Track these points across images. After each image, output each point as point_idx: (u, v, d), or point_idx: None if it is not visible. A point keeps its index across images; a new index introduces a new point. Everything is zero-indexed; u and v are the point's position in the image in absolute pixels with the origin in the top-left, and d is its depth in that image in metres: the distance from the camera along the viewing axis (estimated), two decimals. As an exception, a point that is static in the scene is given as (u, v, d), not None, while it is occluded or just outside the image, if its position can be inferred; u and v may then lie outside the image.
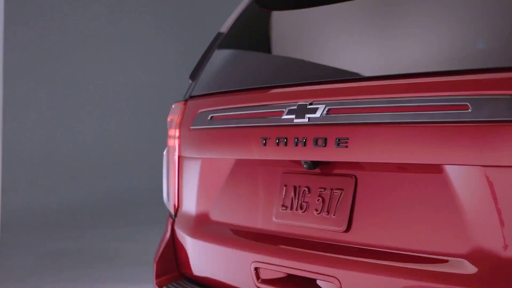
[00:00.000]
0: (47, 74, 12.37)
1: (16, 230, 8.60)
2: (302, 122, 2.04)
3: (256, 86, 2.32)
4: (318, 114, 2.00)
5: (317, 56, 2.22)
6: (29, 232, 8.53)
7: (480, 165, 1.67)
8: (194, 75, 2.69)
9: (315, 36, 2.27)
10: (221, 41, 2.64)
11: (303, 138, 2.03)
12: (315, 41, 2.26)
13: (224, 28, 2.69)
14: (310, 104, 2.03)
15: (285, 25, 2.48)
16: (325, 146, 1.97)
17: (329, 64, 2.16)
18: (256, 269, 2.17)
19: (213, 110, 2.44)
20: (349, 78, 2.01)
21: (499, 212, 1.64)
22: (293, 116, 2.07)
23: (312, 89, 2.09)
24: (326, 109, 1.99)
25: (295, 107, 2.07)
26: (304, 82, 2.14)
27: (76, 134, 12.62)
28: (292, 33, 2.41)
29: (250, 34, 2.58)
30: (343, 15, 2.21)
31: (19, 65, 11.94)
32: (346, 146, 1.93)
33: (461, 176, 1.72)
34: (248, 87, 2.35)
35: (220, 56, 2.61)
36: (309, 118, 2.02)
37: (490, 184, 1.65)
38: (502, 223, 1.63)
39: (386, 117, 1.84)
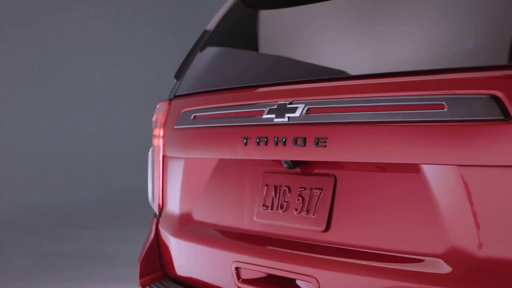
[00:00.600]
0: (44, 74, 12.38)
1: (12, 230, 8.61)
2: (282, 121, 2.03)
3: (239, 86, 2.31)
4: (297, 114, 1.99)
5: (298, 55, 2.22)
6: (25, 232, 8.53)
7: (456, 165, 1.66)
8: (178, 75, 2.69)
9: (296, 35, 2.27)
10: (205, 41, 2.64)
11: (283, 137, 2.03)
12: (296, 40, 2.25)
13: (209, 27, 2.69)
14: (290, 103, 2.02)
15: (269, 24, 2.47)
16: (304, 145, 1.97)
17: (309, 63, 2.15)
18: (236, 269, 2.17)
19: (196, 109, 2.43)
20: (328, 77, 2.00)
21: (474, 211, 1.63)
22: (273, 116, 2.06)
23: (293, 89, 2.08)
24: (306, 108, 1.98)
25: (275, 107, 2.06)
26: (285, 81, 2.14)
27: (74, 134, 12.63)
28: (275, 32, 2.41)
29: (235, 33, 2.57)
30: (323, 15, 2.21)
31: (15, 65, 11.95)
32: (325, 146, 1.92)
33: (437, 176, 1.72)
34: (230, 86, 2.35)
35: (204, 55, 2.61)
36: (288, 117, 2.02)
37: (465, 184, 1.65)
38: (477, 222, 1.63)
39: (363, 117, 1.84)
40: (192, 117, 2.43)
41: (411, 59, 1.85)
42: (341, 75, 1.99)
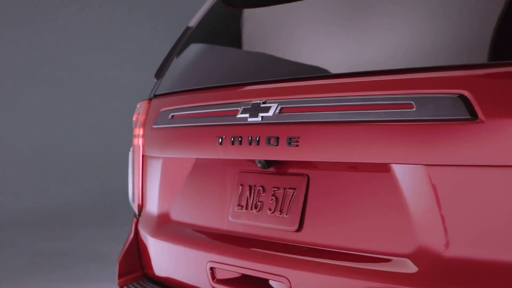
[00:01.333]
0: (41, 74, 12.38)
1: (8, 230, 8.62)
2: (255, 121, 2.03)
3: (215, 85, 2.31)
4: (270, 113, 1.99)
5: (274, 55, 2.21)
6: (20, 231, 8.54)
7: (424, 164, 1.66)
8: (159, 74, 2.68)
9: (272, 35, 2.26)
10: (185, 40, 2.64)
11: (257, 137, 2.02)
12: (272, 40, 2.25)
13: (190, 26, 2.68)
14: (264, 103, 2.02)
15: (247, 24, 2.47)
16: (277, 145, 1.96)
17: (284, 62, 2.15)
18: (211, 269, 2.16)
19: (174, 109, 2.43)
20: (301, 76, 2.00)
21: (441, 211, 1.63)
22: (247, 115, 2.05)
23: (267, 88, 2.08)
24: (279, 108, 1.97)
25: (249, 106, 2.06)
26: (260, 80, 2.13)
27: (70, 134, 12.62)
28: (253, 32, 2.40)
29: (214, 32, 2.57)
30: (296, 16, 2.21)
31: (13, 65, 11.96)
32: (297, 145, 1.91)
33: (406, 176, 1.71)
34: (207, 86, 2.34)
35: (184, 55, 2.60)
36: (262, 117, 2.01)
37: (433, 183, 1.64)
38: (444, 222, 1.62)
39: (334, 116, 1.83)
40: (170, 117, 2.43)
41: (381, 58, 1.84)
42: (313, 75, 1.98)
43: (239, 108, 2.09)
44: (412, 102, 1.67)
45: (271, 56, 2.21)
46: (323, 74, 1.96)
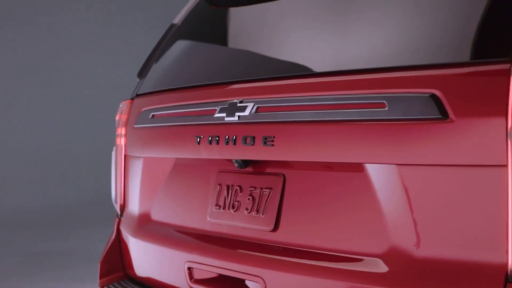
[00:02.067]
0: (39, 74, 12.38)
1: (4, 230, 8.61)
2: (232, 120, 2.02)
3: (195, 84, 2.30)
4: (247, 112, 1.98)
5: (252, 54, 2.21)
6: (17, 231, 8.53)
7: (396, 164, 1.65)
8: (141, 73, 2.68)
9: (251, 35, 2.27)
10: (167, 39, 2.63)
11: (234, 136, 2.02)
12: (251, 39, 2.25)
13: (172, 25, 2.68)
14: (241, 102, 2.01)
15: (228, 23, 2.46)
16: (253, 144, 1.95)
17: (262, 62, 2.14)
18: (189, 269, 2.15)
19: (154, 108, 2.43)
20: (277, 76, 1.99)
21: (412, 211, 1.62)
22: (224, 114, 2.05)
23: (245, 87, 2.07)
24: (255, 107, 1.97)
25: (226, 106, 2.05)
26: (238, 80, 2.12)
27: (68, 133, 12.61)
28: (233, 31, 2.40)
29: (196, 32, 2.56)
30: (273, 16, 2.21)
31: (11, 65, 11.96)
32: (273, 145, 1.91)
33: (379, 175, 1.70)
34: (187, 85, 2.34)
35: (165, 54, 2.60)
36: (239, 116, 2.00)
37: (405, 183, 1.63)
38: (415, 222, 1.61)
39: (308, 116, 1.83)
40: (150, 116, 2.42)
41: (355, 58, 1.83)
42: (289, 74, 1.98)
43: (216, 108, 2.09)
44: (385, 102, 1.66)
45: (251, 56, 2.21)
46: (299, 73, 1.95)
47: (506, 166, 1.46)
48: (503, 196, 1.46)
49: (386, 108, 1.65)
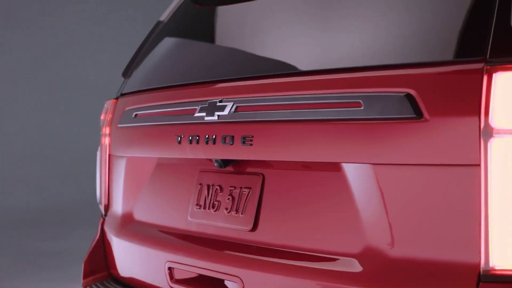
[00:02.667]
0: (37, 74, 12.38)
1: (1, 229, 8.61)
2: (211, 120, 2.01)
3: (176, 83, 2.30)
4: (226, 112, 1.97)
5: (233, 53, 2.21)
6: (14, 231, 8.53)
7: (371, 163, 1.64)
8: (125, 73, 2.68)
9: (232, 34, 2.27)
10: (152, 39, 2.63)
11: (213, 136, 2.01)
12: (232, 39, 2.26)
13: (156, 25, 2.67)
14: (220, 101, 2.00)
15: (211, 22, 2.46)
16: (232, 144, 1.95)
17: (242, 61, 2.14)
18: (169, 269, 2.15)
19: (137, 108, 2.42)
20: (256, 75, 1.99)
21: (387, 211, 1.61)
22: (204, 114, 2.04)
23: (224, 87, 2.07)
24: (234, 106, 1.96)
25: (206, 105, 2.04)
26: (219, 79, 2.12)
27: (66, 133, 12.60)
28: (216, 30, 2.40)
29: (180, 31, 2.56)
30: (252, 16, 2.21)
31: (8, 65, 11.97)
32: (251, 144, 1.90)
33: (355, 175, 1.70)
34: (169, 84, 2.34)
35: (149, 54, 2.60)
36: (218, 115, 1.99)
37: (380, 183, 1.63)
38: (389, 222, 1.61)
39: (285, 115, 1.82)
40: (133, 116, 2.42)
41: (332, 57, 1.84)
42: (267, 73, 1.97)
43: (197, 107, 2.09)
44: (360, 101, 1.65)
45: (231, 55, 2.21)
46: (277, 73, 1.95)
47: (479, 165, 1.45)
48: (476, 195, 1.46)
49: (362, 108, 1.64)
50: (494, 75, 1.44)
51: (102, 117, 2.68)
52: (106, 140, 2.62)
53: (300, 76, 1.85)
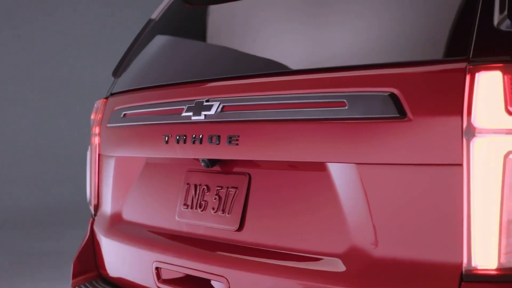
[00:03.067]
0: (35, 73, 12.39)
1: (-1, 229, 8.63)
2: (198, 119, 2.01)
3: (164, 83, 2.30)
4: (213, 111, 1.97)
5: (220, 53, 2.21)
6: (12, 231, 8.54)
7: (355, 163, 1.64)
8: (115, 72, 2.67)
9: (220, 34, 2.27)
10: (141, 39, 2.63)
11: (200, 135, 2.01)
12: (219, 38, 2.26)
13: (146, 25, 2.67)
14: (207, 101, 2.00)
15: (200, 22, 2.46)
16: (218, 143, 1.95)
17: (229, 60, 2.14)
18: (157, 269, 2.14)
19: (125, 107, 2.42)
20: (242, 74, 1.99)
21: (370, 210, 1.61)
22: (191, 113, 2.04)
23: (211, 86, 2.07)
24: (221, 106, 1.96)
25: (193, 104, 2.04)
26: (206, 79, 2.12)
27: (64, 133, 12.61)
28: (204, 30, 2.40)
29: (169, 30, 2.56)
30: (239, 15, 2.21)
31: (6, 65, 11.98)
32: (237, 144, 1.90)
33: (340, 174, 1.69)
34: (157, 84, 2.34)
35: (139, 53, 2.60)
36: (205, 115, 1.99)
37: (364, 182, 1.62)
38: (373, 222, 1.61)
39: (271, 114, 1.82)
40: (122, 115, 2.42)
41: (316, 57, 1.83)
42: (253, 73, 1.97)
43: (184, 107, 2.08)
44: (345, 100, 1.65)
45: (219, 55, 2.21)
46: (263, 72, 1.95)
47: (461, 165, 1.45)
48: (458, 195, 1.45)
49: (346, 107, 1.64)
50: (476, 74, 1.44)
51: (92, 117, 2.68)
52: (96, 140, 2.62)
53: (285, 76, 1.84)
